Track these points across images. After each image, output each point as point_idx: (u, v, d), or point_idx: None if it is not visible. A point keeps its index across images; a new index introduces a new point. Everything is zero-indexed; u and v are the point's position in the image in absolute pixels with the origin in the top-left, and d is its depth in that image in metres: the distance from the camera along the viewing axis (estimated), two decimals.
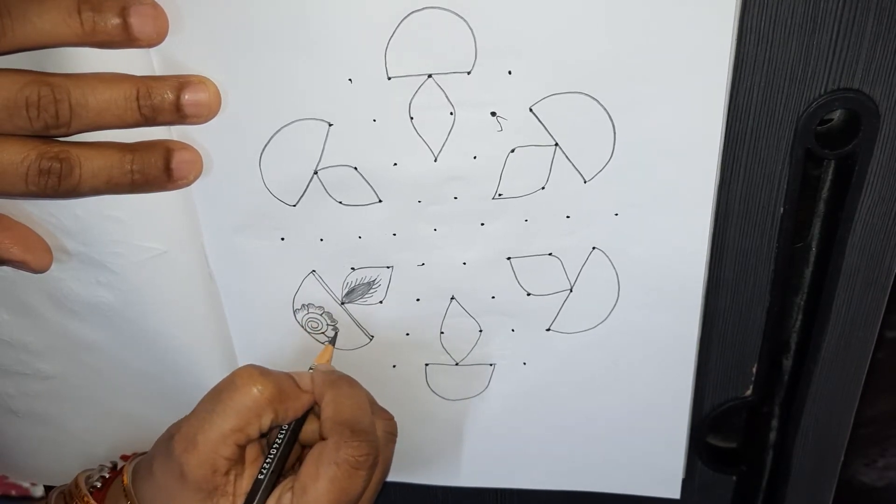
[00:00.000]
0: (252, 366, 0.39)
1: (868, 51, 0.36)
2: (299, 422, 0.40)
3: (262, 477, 0.39)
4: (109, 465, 0.43)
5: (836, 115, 0.39)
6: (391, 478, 0.50)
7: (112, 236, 0.40)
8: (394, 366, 0.46)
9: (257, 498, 0.38)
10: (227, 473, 0.38)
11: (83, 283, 0.42)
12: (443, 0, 0.34)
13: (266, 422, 0.38)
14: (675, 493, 0.49)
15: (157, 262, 0.41)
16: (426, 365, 0.46)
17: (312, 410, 0.41)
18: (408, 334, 0.45)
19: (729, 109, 0.37)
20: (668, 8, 0.34)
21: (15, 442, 0.49)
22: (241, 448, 0.38)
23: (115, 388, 0.46)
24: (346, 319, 0.44)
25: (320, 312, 0.44)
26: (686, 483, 0.49)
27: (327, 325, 0.44)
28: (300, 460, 0.43)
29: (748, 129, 0.39)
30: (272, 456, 0.39)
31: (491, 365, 0.46)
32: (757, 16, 0.36)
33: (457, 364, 0.45)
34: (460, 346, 0.45)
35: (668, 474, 0.49)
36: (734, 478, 0.51)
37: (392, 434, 0.42)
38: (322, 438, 0.39)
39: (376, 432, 0.40)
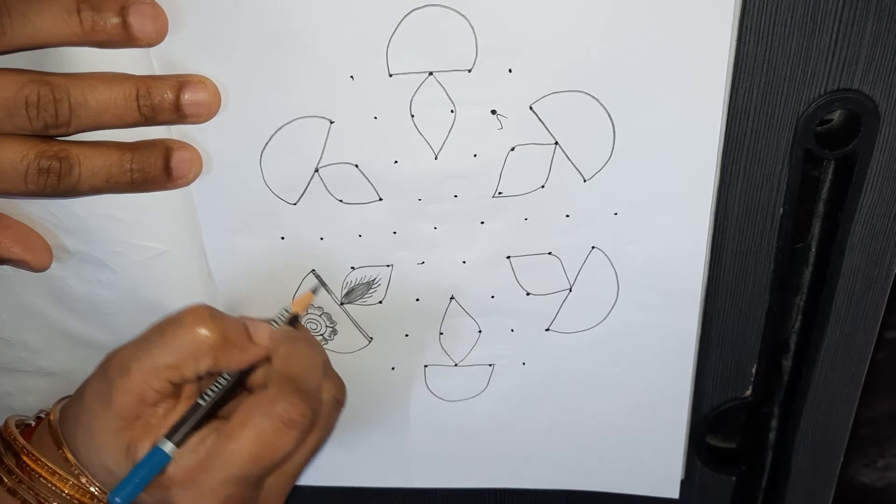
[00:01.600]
0: (205, 306, 0.37)
1: (868, 51, 0.36)
2: (244, 371, 0.39)
3: (200, 403, 0.37)
4: (42, 414, 0.42)
5: (836, 116, 0.39)
6: (389, 483, 0.50)
7: (112, 235, 0.40)
8: (393, 367, 0.46)
9: (184, 428, 0.37)
10: (154, 405, 0.37)
11: (83, 282, 0.42)
12: None
13: (203, 366, 0.37)
14: (675, 494, 0.49)
15: (157, 262, 0.41)
16: (425, 366, 0.46)
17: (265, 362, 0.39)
18: (407, 335, 0.45)
19: (729, 109, 0.37)
20: (668, 7, 0.34)
21: None
22: (175, 385, 0.37)
23: None
24: (346, 321, 0.44)
25: (319, 313, 0.44)
26: (685, 483, 0.49)
27: (326, 326, 0.44)
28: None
29: (748, 129, 0.39)
30: (210, 393, 0.38)
31: (490, 365, 0.46)
32: (757, 16, 0.36)
33: (456, 365, 0.45)
34: (459, 347, 0.45)
35: (667, 474, 0.49)
36: (733, 478, 0.51)
37: (339, 402, 0.41)
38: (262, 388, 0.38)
39: (320, 398, 0.38)
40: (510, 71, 0.36)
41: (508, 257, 0.42)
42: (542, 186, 0.39)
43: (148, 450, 0.37)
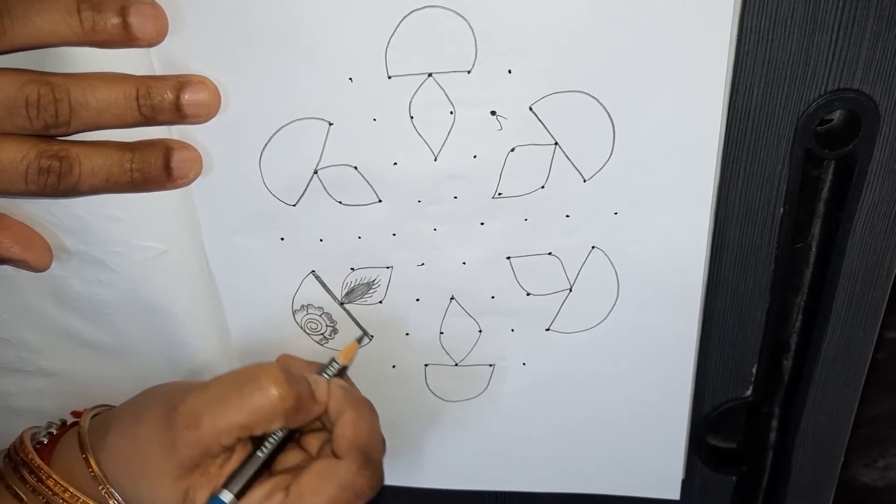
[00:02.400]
0: (278, 367, 0.37)
1: (868, 51, 0.36)
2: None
3: (260, 455, 0.38)
4: (58, 421, 0.42)
5: (836, 116, 0.39)
6: (390, 480, 0.50)
7: (112, 235, 0.40)
8: (393, 366, 0.46)
9: (245, 481, 0.37)
10: (216, 456, 0.37)
11: (83, 282, 0.42)
12: None
13: (275, 427, 0.37)
14: (675, 494, 0.49)
15: (158, 262, 0.41)
16: (426, 366, 0.46)
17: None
18: (407, 334, 0.45)
19: (729, 109, 0.37)
20: (667, 7, 0.34)
21: None
22: (242, 441, 0.37)
23: (115, 387, 0.46)
24: (346, 320, 0.44)
25: (319, 313, 0.44)
26: (686, 484, 0.49)
27: (326, 325, 0.44)
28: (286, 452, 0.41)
29: (748, 129, 0.39)
30: (269, 444, 0.38)
31: (490, 365, 0.46)
32: (757, 16, 0.36)
33: (456, 365, 0.45)
34: (460, 347, 0.45)
35: (667, 475, 0.49)
36: (734, 478, 0.51)
37: (384, 451, 0.41)
38: (334, 454, 0.38)
39: (382, 462, 0.39)
40: (510, 72, 0.36)
41: (508, 258, 0.42)
42: (542, 187, 0.39)
43: (206, 497, 0.37)
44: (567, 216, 0.40)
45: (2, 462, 0.39)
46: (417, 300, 0.43)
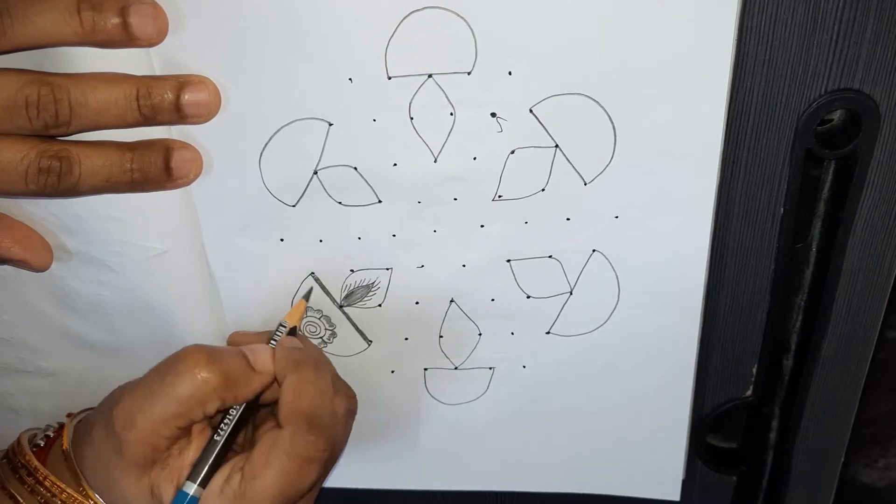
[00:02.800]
0: (199, 348, 0.37)
1: (868, 51, 0.36)
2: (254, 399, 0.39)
3: (216, 440, 0.37)
4: (56, 424, 0.42)
5: (837, 115, 0.39)
6: (390, 484, 0.50)
7: (112, 235, 0.40)
8: (392, 371, 0.46)
9: (205, 469, 0.37)
10: (167, 449, 0.37)
11: (84, 282, 0.42)
12: (443, 0, 0.34)
13: (211, 408, 0.37)
14: (676, 495, 0.49)
15: (158, 262, 0.41)
16: (425, 369, 0.46)
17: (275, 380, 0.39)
18: (407, 338, 0.44)
19: (729, 110, 0.37)
20: (668, 9, 0.34)
21: None
22: (183, 429, 0.37)
23: (114, 387, 0.46)
24: (345, 324, 0.44)
25: (318, 316, 0.44)
26: (686, 484, 0.49)
27: (325, 328, 0.44)
28: (253, 425, 0.42)
29: (748, 129, 0.39)
30: (223, 428, 0.38)
31: (490, 369, 0.45)
32: (757, 16, 0.36)
33: (456, 368, 0.45)
34: (459, 350, 0.45)
35: (668, 475, 0.49)
36: (734, 478, 0.51)
37: (351, 412, 0.41)
38: (278, 424, 0.37)
39: (335, 424, 0.38)
40: (510, 73, 0.36)
41: (508, 260, 0.42)
42: (543, 189, 0.39)
43: (172, 491, 0.37)
44: (567, 219, 0.40)
45: (1, 465, 0.40)
46: (417, 303, 0.43)
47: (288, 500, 0.37)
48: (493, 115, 0.37)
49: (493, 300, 0.43)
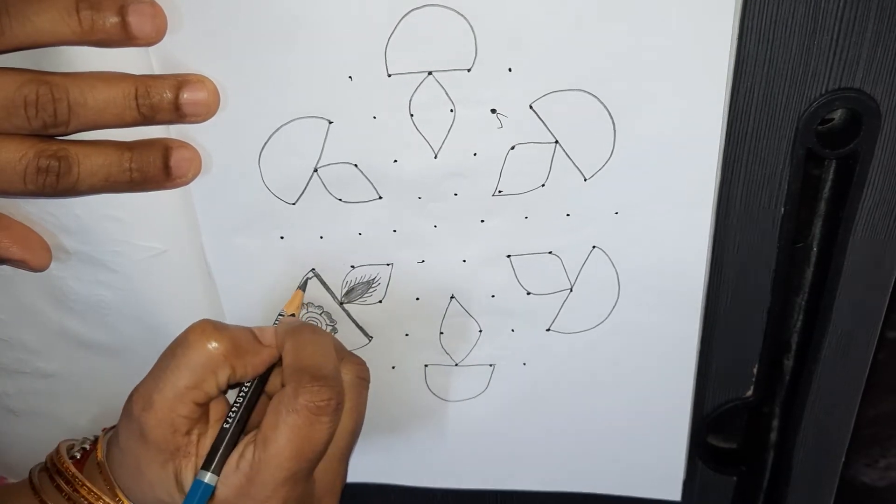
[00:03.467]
0: (206, 320, 0.38)
1: (869, 50, 0.36)
2: (263, 377, 0.39)
3: (226, 426, 0.37)
4: (92, 438, 0.42)
5: (837, 115, 0.39)
6: (390, 480, 0.50)
7: (111, 235, 0.40)
8: (393, 367, 0.46)
9: (218, 454, 0.37)
10: (188, 433, 0.37)
11: (82, 282, 0.42)
12: None
13: (223, 378, 0.37)
14: (676, 495, 0.49)
15: (157, 261, 0.41)
16: (426, 366, 0.46)
17: (278, 364, 0.40)
18: (407, 334, 0.44)
19: (729, 109, 0.37)
20: (668, 7, 0.34)
21: (14, 441, 0.49)
22: (201, 406, 0.37)
23: (115, 387, 0.46)
24: (346, 320, 0.44)
25: (319, 312, 0.44)
26: (686, 484, 0.49)
27: (326, 324, 0.44)
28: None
29: (749, 128, 0.39)
30: (234, 412, 0.38)
31: (491, 365, 0.45)
32: (757, 16, 0.36)
33: (456, 365, 0.45)
34: (460, 347, 0.45)
35: (668, 475, 0.48)
36: (735, 478, 0.51)
37: (363, 379, 0.41)
38: (283, 387, 0.37)
39: (340, 377, 0.38)
40: (510, 70, 0.36)
41: (509, 256, 0.42)
42: (543, 185, 0.39)
43: (192, 477, 0.37)
44: (567, 215, 0.40)
45: (37, 474, 0.40)
46: (417, 299, 0.43)
47: (306, 460, 0.36)
48: (493, 111, 0.37)
49: (493, 296, 0.43)
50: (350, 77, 0.36)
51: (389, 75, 0.36)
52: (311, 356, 0.38)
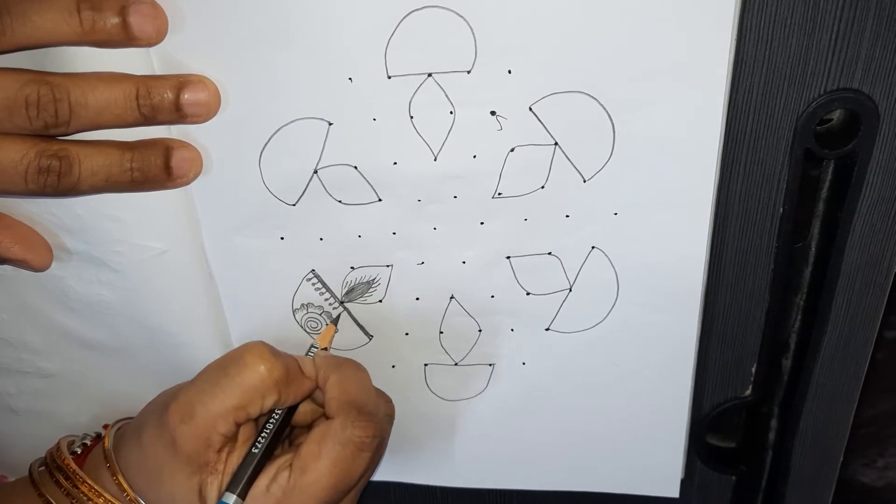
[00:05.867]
0: (262, 343, 0.38)
1: (868, 51, 0.36)
2: (294, 406, 0.40)
3: (255, 451, 0.38)
4: (93, 434, 0.43)
5: (836, 115, 0.39)
6: (390, 477, 0.50)
7: (112, 235, 0.40)
8: (393, 366, 0.46)
9: (246, 478, 0.37)
10: (219, 450, 0.38)
11: (83, 282, 0.42)
12: None
13: (269, 403, 0.38)
14: (675, 493, 0.49)
15: (158, 261, 0.41)
16: (425, 365, 0.46)
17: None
18: (407, 334, 0.45)
19: (728, 109, 0.37)
20: (667, 7, 0.34)
21: (15, 441, 0.49)
22: (238, 426, 0.38)
23: (115, 387, 0.46)
24: (346, 319, 0.44)
25: (319, 312, 0.44)
26: (685, 483, 0.49)
27: (326, 324, 0.44)
28: (289, 441, 0.42)
29: (748, 128, 0.39)
30: (266, 434, 0.38)
31: (490, 365, 0.46)
32: (757, 16, 0.36)
33: (456, 364, 0.45)
34: (459, 346, 0.45)
35: (667, 474, 0.49)
36: (733, 478, 0.51)
37: (391, 416, 0.42)
38: (326, 418, 0.39)
39: (380, 414, 0.39)
40: (509, 72, 0.36)
41: (508, 257, 0.42)
42: (542, 187, 0.39)
43: (216, 494, 0.38)
44: (567, 216, 0.40)
45: (37, 469, 0.40)
46: (417, 299, 0.43)
47: (339, 491, 0.37)
48: (493, 113, 0.37)
49: (492, 297, 0.43)
50: (350, 79, 0.36)
51: (389, 77, 0.36)
52: (357, 392, 0.39)
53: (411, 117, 0.37)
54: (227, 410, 0.37)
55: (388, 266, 0.42)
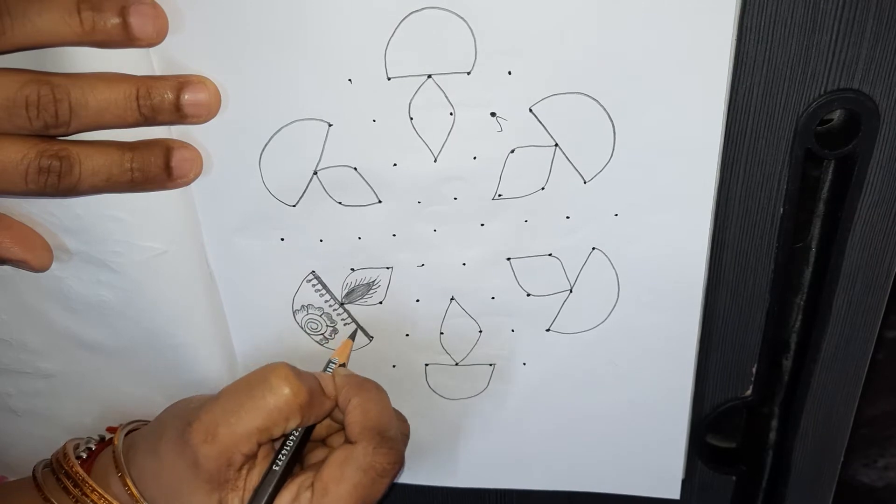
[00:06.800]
0: (287, 366, 0.38)
1: (868, 51, 0.36)
2: (310, 427, 0.40)
3: (276, 468, 0.38)
4: (97, 437, 0.43)
5: (836, 115, 0.39)
6: None
7: (113, 235, 0.40)
8: (394, 366, 0.46)
9: (266, 496, 0.38)
10: (240, 469, 0.38)
11: (83, 282, 0.42)
12: (443, 0, 0.34)
13: (292, 425, 0.38)
14: (675, 494, 0.49)
15: (158, 262, 0.41)
16: (426, 365, 0.46)
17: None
18: (407, 335, 0.45)
19: (729, 109, 0.37)
20: (667, 8, 0.34)
21: (14, 441, 0.49)
22: (260, 446, 0.38)
23: (115, 388, 0.46)
24: (346, 320, 0.44)
25: (320, 313, 0.44)
26: (686, 483, 0.49)
27: (326, 325, 0.44)
28: (304, 457, 0.42)
29: (748, 129, 0.39)
30: (286, 452, 0.39)
31: (491, 365, 0.46)
32: (757, 16, 0.36)
33: (457, 364, 0.45)
34: (460, 347, 0.45)
35: (667, 474, 0.49)
36: (734, 478, 0.51)
37: (406, 436, 0.42)
38: (348, 441, 0.39)
39: (400, 438, 0.40)
40: (509, 73, 0.36)
41: (509, 259, 0.42)
42: (543, 188, 0.39)
43: None
44: (567, 217, 0.40)
45: (41, 471, 0.40)
46: (417, 301, 0.43)
47: None
48: (493, 114, 0.37)
49: (493, 298, 0.43)
50: (350, 80, 0.36)
51: (389, 78, 0.36)
52: (379, 417, 0.39)
53: (411, 118, 0.37)
54: (251, 432, 0.37)
55: (388, 268, 0.42)
